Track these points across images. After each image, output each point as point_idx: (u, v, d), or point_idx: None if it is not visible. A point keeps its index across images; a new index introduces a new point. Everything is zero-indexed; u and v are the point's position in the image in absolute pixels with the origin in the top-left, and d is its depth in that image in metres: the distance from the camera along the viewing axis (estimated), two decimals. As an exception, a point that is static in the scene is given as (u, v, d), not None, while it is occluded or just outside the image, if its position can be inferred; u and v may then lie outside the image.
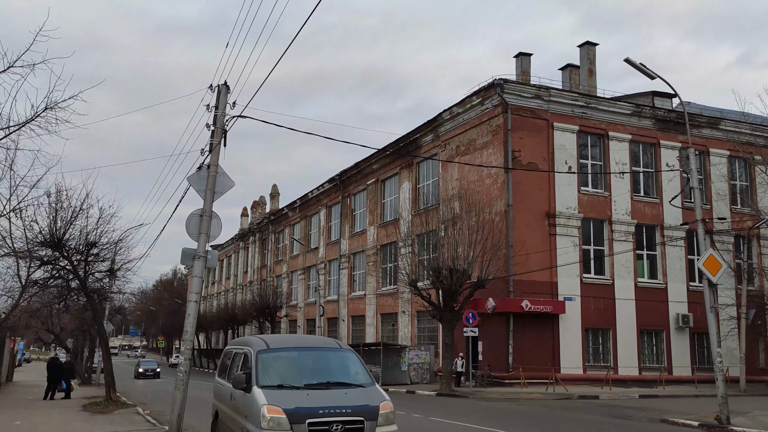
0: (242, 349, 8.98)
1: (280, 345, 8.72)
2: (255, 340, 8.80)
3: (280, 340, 9.39)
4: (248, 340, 9.22)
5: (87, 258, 18.97)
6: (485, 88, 29.96)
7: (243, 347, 8.97)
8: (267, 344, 8.48)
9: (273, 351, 8.35)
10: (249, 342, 8.90)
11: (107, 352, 19.35)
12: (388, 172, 39.82)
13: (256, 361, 8.05)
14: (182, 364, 11.24)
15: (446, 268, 25.86)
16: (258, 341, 8.69)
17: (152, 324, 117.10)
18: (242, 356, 8.80)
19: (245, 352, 8.68)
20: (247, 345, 8.80)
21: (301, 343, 9.44)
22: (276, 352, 8.36)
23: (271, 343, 8.57)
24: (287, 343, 9.07)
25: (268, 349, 8.35)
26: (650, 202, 31.48)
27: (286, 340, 9.92)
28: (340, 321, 44.17)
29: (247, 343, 8.89)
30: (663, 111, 32.05)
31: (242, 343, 9.34)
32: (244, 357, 8.68)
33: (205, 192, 11.90)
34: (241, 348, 9.07)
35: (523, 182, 28.94)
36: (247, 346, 8.76)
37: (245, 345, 8.94)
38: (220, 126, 12.03)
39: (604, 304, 29.59)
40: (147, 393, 26.57)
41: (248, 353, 8.47)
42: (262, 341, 8.64)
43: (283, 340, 9.48)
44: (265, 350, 8.32)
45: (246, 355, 8.60)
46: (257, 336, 9.71)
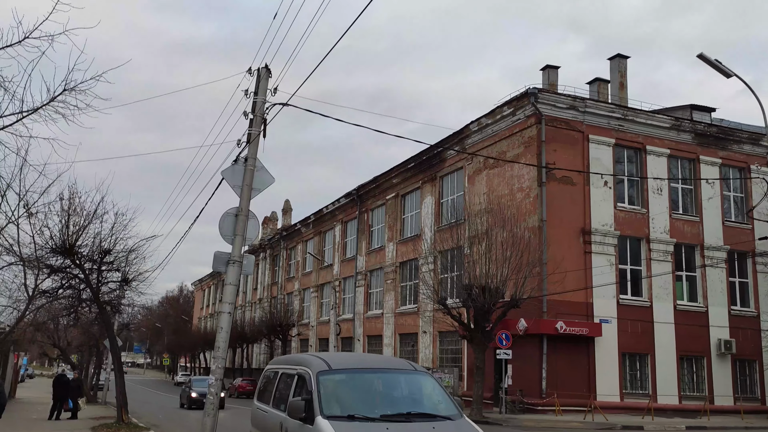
0: (294, 370, 7.46)
1: (344, 365, 7.19)
2: (311, 359, 7.28)
3: (341, 359, 7.82)
4: (302, 358, 7.69)
5: (100, 267, 17.53)
6: (518, 98, 28.61)
7: (295, 367, 7.45)
8: (328, 364, 6.96)
9: (336, 372, 6.84)
10: (304, 361, 7.37)
11: (120, 368, 17.82)
12: (409, 186, 38.39)
13: (317, 385, 6.54)
14: (213, 385, 9.73)
15: (478, 285, 24.31)
16: (316, 360, 7.17)
17: (157, 341, 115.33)
18: (294, 378, 7.28)
19: (299, 373, 7.16)
20: (302, 364, 7.27)
21: (368, 363, 7.84)
22: (340, 373, 6.85)
23: (333, 362, 7.04)
24: (351, 363, 7.52)
25: (330, 370, 6.84)
26: (689, 221, 29.89)
27: (349, 360, 8.28)
28: (355, 341, 42.49)
29: (302, 362, 7.37)
30: (703, 125, 30.60)
31: (293, 362, 7.80)
32: (298, 379, 7.16)
33: (241, 188, 10.47)
34: (292, 368, 7.54)
35: (557, 197, 27.46)
36: (302, 365, 7.24)
37: (299, 364, 7.42)
38: (260, 114, 10.64)
39: (642, 328, 27.89)
40: (158, 413, 24.97)
41: (304, 374, 6.96)
42: (321, 360, 7.12)
43: (345, 360, 7.90)
44: (326, 371, 6.81)
45: (301, 377, 7.09)
46: (312, 354, 8.16)
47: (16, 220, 15.53)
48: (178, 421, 22.53)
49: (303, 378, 7.03)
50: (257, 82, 10.72)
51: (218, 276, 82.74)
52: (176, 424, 20.88)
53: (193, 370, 78.58)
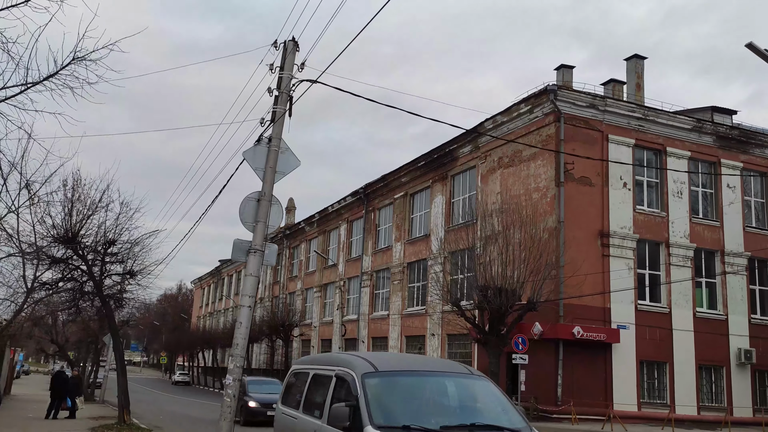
0: (330, 370, 6.55)
1: (391, 366, 6.27)
2: (353, 359, 6.36)
3: (386, 359, 6.78)
4: (341, 358, 6.75)
5: (104, 258, 16.61)
6: (536, 95, 27.74)
7: (332, 368, 6.53)
8: (373, 365, 6.05)
9: (384, 375, 5.93)
10: (343, 361, 6.45)
11: (122, 367, 16.86)
12: (418, 185, 37.50)
13: (363, 389, 5.63)
14: (230, 386, 8.82)
15: (493, 287, 23.38)
16: (358, 360, 6.26)
17: (154, 339, 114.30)
18: (332, 380, 6.36)
19: (339, 375, 6.24)
20: (342, 365, 6.36)
21: (417, 364, 6.82)
22: (389, 376, 5.94)
23: (378, 363, 6.13)
24: (399, 364, 6.58)
25: (377, 372, 5.93)
26: (710, 226, 29.00)
27: (395, 360, 7.18)
28: (359, 342, 41.55)
29: (341, 363, 6.45)
30: (725, 127, 29.73)
31: (329, 362, 6.87)
32: (337, 382, 6.25)
33: (264, 171, 9.57)
34: (328, 369, 6.63)
35: (575, 197, 26.58)
36: (342, 366, 6.32)
37: (337, 365, 6.50)
38: (285, 91, 9.74)
39: (661, 335, 26.99)
40: (159, 413, 24.03)
41: (345, 376, 6.05)
42: (364, 360, 6.20)
43: (391, 360, 6.86)
44: (372, 373, 5.90)
45: (341, 380, 6.18)
46: (351, 353, 7.21)
47: (17, 209, 14.66)
48: (181, 422, 21.60)
49: (343, 381, 6.13)
50: (283, 56, 9.83)
51: (218, 275, 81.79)
52: (180, 426, 19.93)
53: (192, 369, 77.53)
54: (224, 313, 75.23)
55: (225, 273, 78.64)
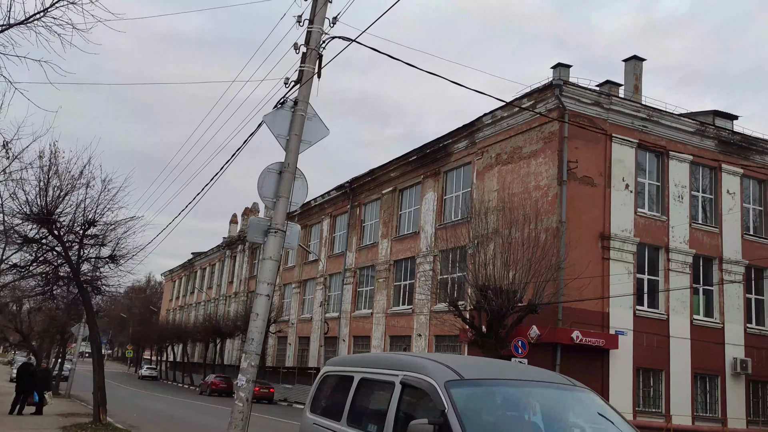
0: (390, 375, 5.25)
1: (481, 374, 4.98)
2: (427, 363, 5.04)
3: (469, 365, 5.29)
4: (409, 360, 5.39)
5: (82, 240, 15.06)
6: (540, 90, 26.75)
7: (394, 372, 5.22)
8: (455, 371, 4.76)
9: (474, 385, 4.67)
10: (413, 364, 5.13)
11: (100, 360, 15.30)
12: (408, 180, 36.31)
13: (452, 403, 4.36)
14: (243, 389, 7.49)
15: (493, 287, 22.27)
16: (434, 365, 4.95)
17: (120, 332, 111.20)
18: (395, 388, 5.06)
19: (409, 382, 4.94)
20: (413, 369, 5.05)
21: (511, 372, 5.42)
22: (481, 386, 4.69)
23: (461, 368, 4.83)
24: (489, 372, 5.19)
25: (463, 380, 4.67)
26: (709, 232, 28.31)
27: (481, 367, 5.53)
28: (340, 341, 40.22)
29: (411, 366, 5.13)
30: (727, 132, 29.09)
31: (391, 365, 5.51)
32: (405, 390, 4.97)
33: (287, 138, 8.26)
34: (389, 373, 5.32)
35: (576, 197, 25.64)
36: (413, 371, 5.01)
37: (403, 369, 5.18)
38: (315, 47, 8.43)
39: (658, 342, 26.18)
40: (131, 411, 22.44)
41: (420, 384, 4.77)
42: (442, 365, 4.90)
43: (475, 366, 5.30)
44: (457, 381, 4.64)
45: (410, 388, 4.90)
46: (417, 355, 5.86)
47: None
48: (157, 421, 20.08)
49: (415, 389, 4.85)
50: (314, 7, 8.51)
51: (190, 267, 79.52)
52: (157, 426, 18.45)
53: (159, 364, 75.33)
54: (196, 306, 73.21)
55: (198, 266, 76.59)
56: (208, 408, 29.65)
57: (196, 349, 67.01)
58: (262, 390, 38.09)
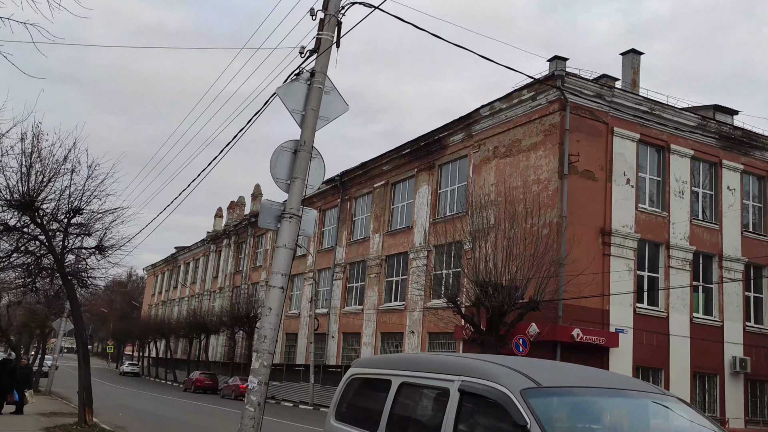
0: (446, 381, 4.44)
1: (560, 381, 4.16)
2: (492, 367, 4.23)
3: (542, 369, 4.38)
4: (465, 364, 4.53)
5: (67, 228, 14.10)
6: (541, 81, 26.01)
7: (450, 377, 4.42)
8: (530, 377, 3.97)
9: (556, 394, 3.90)
10: (474, 369, 4.31)
11: (86, 356, 14.31)
12: (401, 174, 35.52)
13: (533, 415, 3.58)
14: (255, 391, 6.67)
15: (493, 283, 21.56)
16: (502, 369, 4.15)
17: (101, 327, 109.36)
18: (453, 396, 4.27)
19: (470, 389, 4.14)
20: (474, 374, 4.23)
21: (593, 380, 4.48)
22: (563, 396, 3.91)
23: (535, 374, 4.03)
24: (568, 379, 4.32)
25: (541, 388, 3.88)
26: (710, 228, 27.85)
27: (558, 373, 4.62)
28: (329, 338, 39.38)
29: (471, 371, 4.31)
30: (728, 127, 28.64)
31: (441, 368, 4.68)
32: (465, 399, 4.18)
33: (303, 113, 7.43)
34: (440, 378, 4.52)
35: (577, 192, 25.02)
36: (475, 376, 4.20)
37: (460, 373, 4.35)
38: (334, 13, 7.61)
39: (658, 340, 25.68)
40: (116, 409, 21.45)
41: (488, 393, 3.97)
42: (514, 371, 4.09)
43: (551, 372, 4.44)
44: (535, 389, 3.85)
45: (475, 397, 4.12)
46: (479, 357, 5.02)
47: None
48: (144, 421, 19.16)
49: (479, 399, 4.07)
50: (334, -31, 7.67)
51: (173, 262, 78.09)
52: (145, 426, 17.54)
53: (141, 360, 73.98)
54: (179, 302, 71.91)
55: (181, 260, 75.26)
56: (195, 406, 28.72)
57: (179, 345, 65.77)
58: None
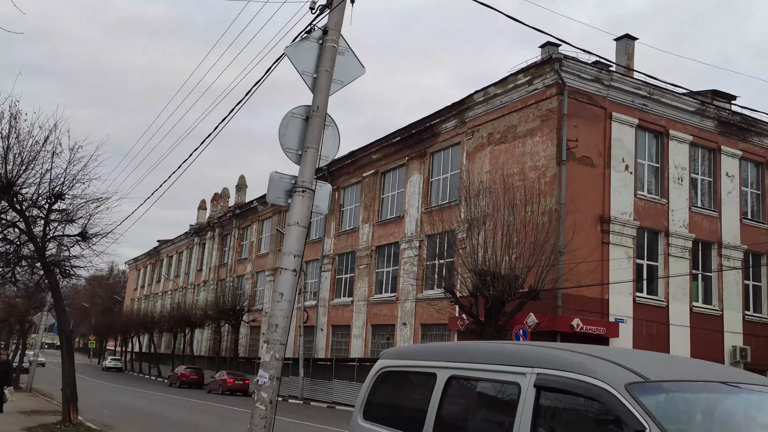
0: (519, 375, 3.63)
1: (671, 374, 3.39)
2: (584, 359, 3.42)
3: (643, 360, 3.69)
4: (547, 354, 3.69)
5: (48, 215, 13.16)
6: (537, 65, 25.42)
7: (522, 369, 3.60)
8: (633, 370, 3.22)
9: (669, 390, 3.15)
10: (558, 359, 3.53)
11: (70, 351, 13.40)
12: (391, 163, 34.73)
13: (651, 419, 2.83)
14: (266, 388, 5.87)
15: (492, 273, 20.87)
16: (598, 362, 3.37)
17: (82, 322, 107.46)
18: (528, 393, 3.50)
19: (551, 384, 3.39)
20: (557, 366, 3.44)
21: (706, 373, 3.71)
22: (678, 393, 3.15)
23: (640, 367, 3.26)
24: (679, 371, 3.52)
25: (649, 383, 3.13)
26: (709, 216, 27.39)
27: (662, 364, 3.86)
28: (317, 330, 38.59)
29: (553, 362, 3.52)
30: (727, 112, 28.17)
31: (509, 359, 3.82)
32: (543, 395, 3.43)
33: (315, 75, 6.62)
34: (513, 371, 3.69)
35: (575, 178, 24.40)
36: (558, 368, 3.43)
37: (539, 365, 3.55)
38: (349, -35, 6.79)
39: (658, 330, 25.20)
40: (101, 406, 20.51)
41: (583, 389, 3.22)
42: (609, 362, 3.32)
43: (653, 363, 3.70)
44: (642, 384, 3.11)
45: (553, 393, 3.37)
46: (557, 346, 4.20)
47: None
48: (131, 418, 18.27)
49: (564, 395, 3.33)
50: None
51: (156, 255, 76.67)
52: (133, 423, 16.66)
53: (124, 355, 72.70)
54: (162, 296, 70.67)
55: (164, 254, 73.95)
56: (183, 402, 27.82)
57: (163, 340, 64.59)
58: (236, 382, 36.33)
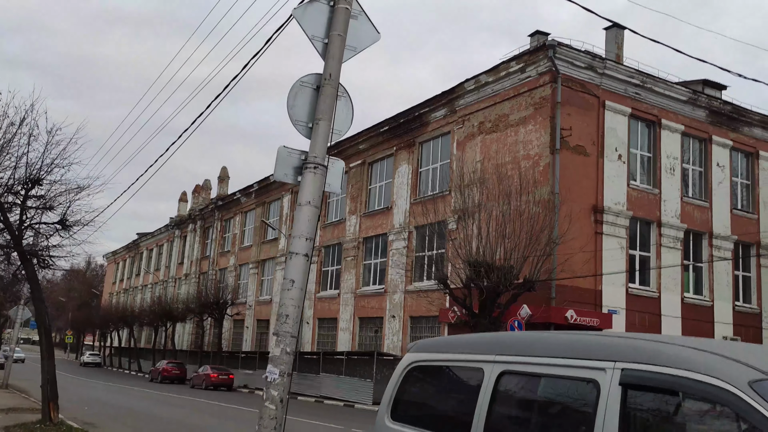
0: (597, 370, 3.10)
1: None
2: (684, 351, 2.87)
3: (758, 354, 3.07)
4: (635, 346, 3.10)
5: (25, 201, 12.39)
6: (530, 52, 24.95)
7: (601, 364, 3.06)
8: (751, 365, 2.71)
9: None
10: (651, 352, 2.97)
11: (50, 346, 12.62)
12: (379, 153, 34.14)
13: None
14: (276, 385, 5.26)
15: (486, 264, 20.40)
16: (699, 353, 2.86)
17: (58, 317, 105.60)
18: (613, 394, 2.94)
19: (645, 382, 2.86)
20: (651, 360, 2.89)
21: None
22: None
23: (759, 363, 2.75)
24: None
25: None
26: (700, 206, 27.19)
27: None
28: (303, 324, 37.87)
29: (645, 355, 2.96)
30: (718, 102, 27.95)
31: (583, 351, 3.25)
32: (632, 397, 2.89)
33: (326, 40, 5.99)
34: (588, 365, 3.14)
35: (569, 168, 24.01)
36: (652, 363, 2.90)
37: (624, 358, 3.00)
38: None
39: (650, 321, 24.94)
40: (81, 403, 19.72)
41: (693, 388, 2.69)
42: (716, 355, 2.82)
43: (765, 356, 3.08)
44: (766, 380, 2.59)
45: (644, 393, 2.85)
46: (644, 337, 3.59)
47: None
48: (115, 416, 17.53)
49: (667, 396, 2.78)
50: None
51: (135, 249, 75.31)
52: (116, 421, 15.95)
53: (103, 350, 71.41)
54: (142, 289, 69.46)
55: (144, 247, 72.67)
56: (166, 398, 27.06)
57: (143, 334, 63.49)
58: (221, 377, 35.61)
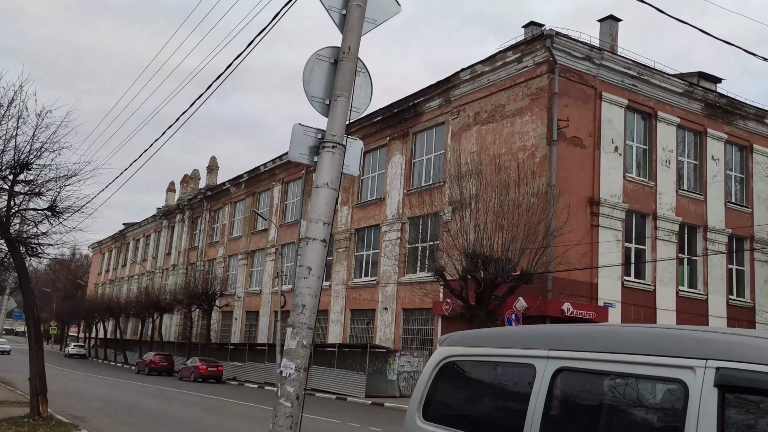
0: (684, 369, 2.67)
1: None
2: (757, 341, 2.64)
3: None
4: (729, 341, 2.67)
5: (12, 187, 11.90)
6: (528, 41, 24.64)
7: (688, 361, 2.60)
8: None
9: None
10: (748, 347, 2.69)
11: (39, 338, 12.15)
12: (372, 143, 33.68)
13: None
14: (291, 380, 4.92)
15: (483, 255, 20.12)
16: None
17: (43, 308, 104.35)
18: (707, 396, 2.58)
19: (750, 384, 2.54)
20: (753, 358, 2.61)
21: None
22: None
23: None
24: None
25: None
26: (695, 199, 27.07)
27: None
28: (293, 315, 37.46)
29: (741, 352, 2.63)
30: (714, 94, 27.80)
31: (664, 346, 2.82)
32: (731, 400, 2.56)
33: (344, 11, 5.61)
34: (671, 363, 2.71)
35: (566, 159, 23.78)
36: (755, 360, 2.59)
37: (717, 356, 2.63)
38: None
39: (645, 314, 24.80)
40: (68, 395, 19.24)
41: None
42: None
43: None
44: None
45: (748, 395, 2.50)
46: (737, 331, 3.26)
47: None
48: (104, 409, 17.09)
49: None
50: None
51: (122, 239, 74.44)
52: (106, 415, 15.51)
53: (88, 341, 70.59)
54: (129, 280, 68.67)
55: (130, 237, 71.86)
56: (155, 390, 26.61)
57: (129, 325, 62.78)
58: (210, 368, 35.14)
